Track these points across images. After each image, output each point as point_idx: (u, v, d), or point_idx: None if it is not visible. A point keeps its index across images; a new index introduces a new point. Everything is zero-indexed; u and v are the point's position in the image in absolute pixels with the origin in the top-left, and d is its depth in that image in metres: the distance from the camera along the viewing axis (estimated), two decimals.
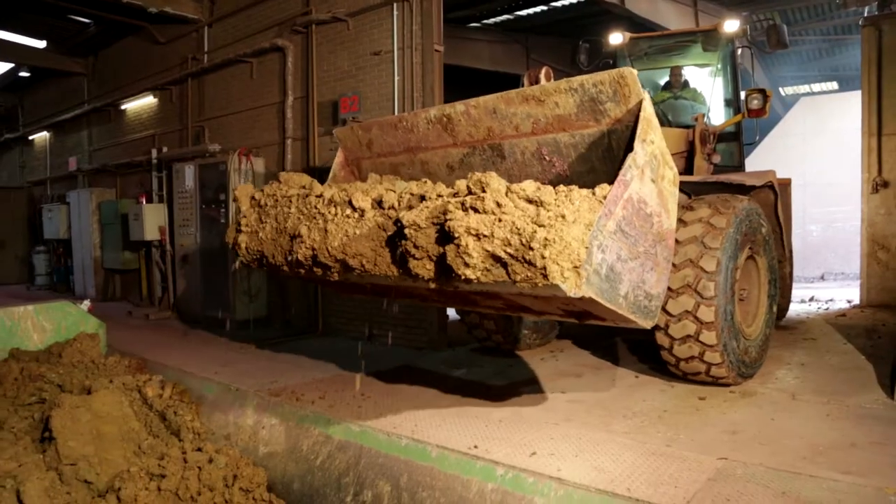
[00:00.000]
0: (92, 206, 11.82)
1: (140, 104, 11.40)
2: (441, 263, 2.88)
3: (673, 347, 4.45)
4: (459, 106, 3.79)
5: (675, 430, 3.82)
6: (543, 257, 2.54)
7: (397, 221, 3.08)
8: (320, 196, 3.61)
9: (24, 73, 14.95)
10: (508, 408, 4.40)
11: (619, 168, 2.92)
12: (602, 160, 3.47)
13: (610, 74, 3.17)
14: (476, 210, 2.75)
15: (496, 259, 2.69)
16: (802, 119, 13.63)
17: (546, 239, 2.55)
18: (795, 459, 3.29)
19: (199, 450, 4.20)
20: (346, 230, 3.32)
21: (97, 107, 12.34)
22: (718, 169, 5.75)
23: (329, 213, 3.46)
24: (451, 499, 3.45)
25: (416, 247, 2.94)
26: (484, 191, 2.82)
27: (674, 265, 4.20)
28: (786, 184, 6.49)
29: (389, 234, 3.17)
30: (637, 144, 2.97)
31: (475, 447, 3.63)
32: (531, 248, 2.57)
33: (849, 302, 8.47)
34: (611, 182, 2.87)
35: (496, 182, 2.85)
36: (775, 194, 5.60)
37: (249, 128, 8.81)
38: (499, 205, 2.74)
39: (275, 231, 3.79)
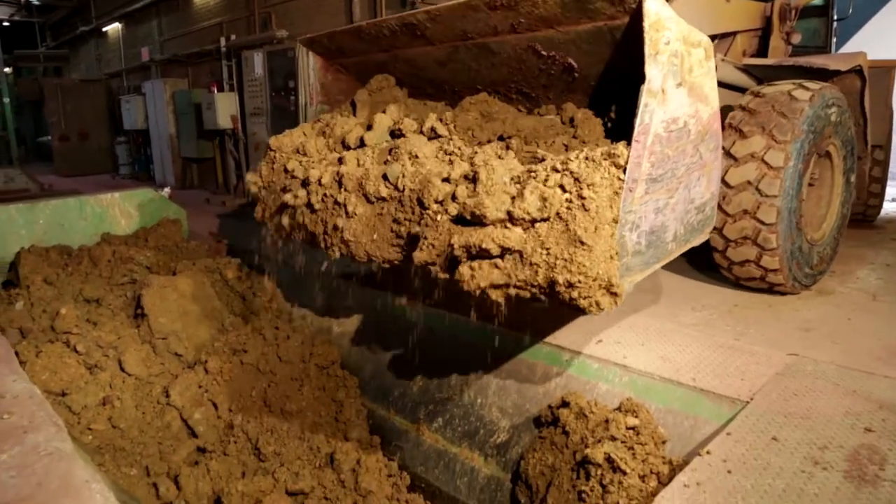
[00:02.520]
0: (166, 97, 12.07)
1: None
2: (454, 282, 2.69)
3: (727, 249, 4.08)
4: (420, 15, 3.45)
5: (745, 324, 3.76)
6: (572, 298, 2.35)
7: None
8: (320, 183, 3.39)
9: None
10: None
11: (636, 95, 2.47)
12: (613, 48, 3.09)
13: None
14: (482, 256, 2.51)
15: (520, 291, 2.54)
16: None
17: (570, 282, 2.33)
18: (870, 360, 3.20)
19: (277, 328, 4.46)
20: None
21: None
22: (799, 50, 5.14)
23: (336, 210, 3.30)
24: (517, 381, 3.57)
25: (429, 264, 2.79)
26: (484, 222, 2.50)
27: (735, 159, 3.87)
28: (890, 67, 5.71)
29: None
30: (648, 69, 2.46)
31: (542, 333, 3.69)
32: (556, 291, 2.38)
33: None
34: (630, 78, 2.50)
35: (493, 208, 2.47)
36: (863, 81, 4.89)
37: (315, 13, 8.63)
38: (505, 250, 2.48)
39: (292, 223, 3.66)
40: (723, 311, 4.00)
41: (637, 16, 2.63)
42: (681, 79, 2.63)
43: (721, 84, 4.50)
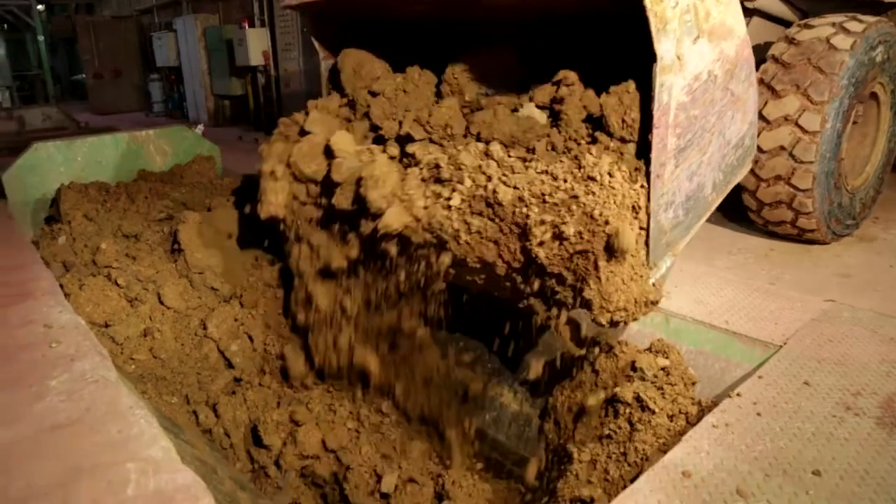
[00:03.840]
0: (197, 33, 11.98)
1: None
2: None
3: (762, 210, 3.89)
4: None
5: (782, 268, 3.70)
6: (614, 322, 2.36)
7: None
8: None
9: None
10: None
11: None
12: None
13: None
14: None
15: None
16: None
17: (603, 307, 2.32)
18: None
19: None
20: None
21: None
22: None
23: None
24: None
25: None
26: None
27: (767, 121, 3.58)
28: None
29: None
30: (658, 46, 2.22)
31: None
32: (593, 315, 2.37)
33: None
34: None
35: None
36: None
37: None
38: None
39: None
40: (759, 255, 3.93)
41: None
42: (697, 31, 2.40)
43: (761, 14, 4.24)
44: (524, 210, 2.41)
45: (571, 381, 3.22)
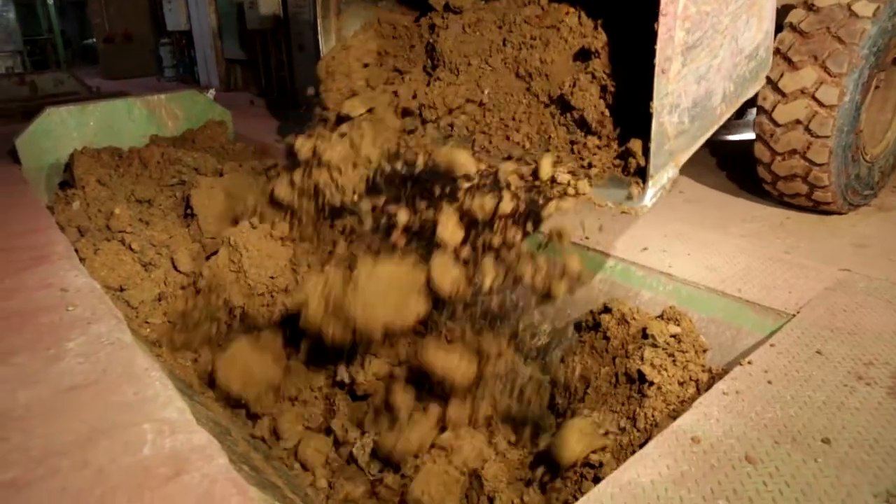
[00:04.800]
0: None
1: None
2: None
3: (773, 163, 3.73)
4: None
5: (797, 237, 3.66)
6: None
7: None
8: None
9: None
10: None
11: None
12: None
13: None
14: None
15: None
16: None
17: None
18: None
19: None
20: None
21: None
22: None
23: None
24: None
25: None
26: None
27: (783, 94, 3.40)
28: None
29: None
30: None
31: (586, 238, 3.66)
32: None
33: None
34: None
35: None
36: None
37: None
38: None
39: None
40: (774, 223, 3.89)
41: None
42: None
43: None
44: None
45: (582, 346, 3.23)
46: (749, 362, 2.43)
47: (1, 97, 9.76)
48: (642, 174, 2.52)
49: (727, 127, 6.01)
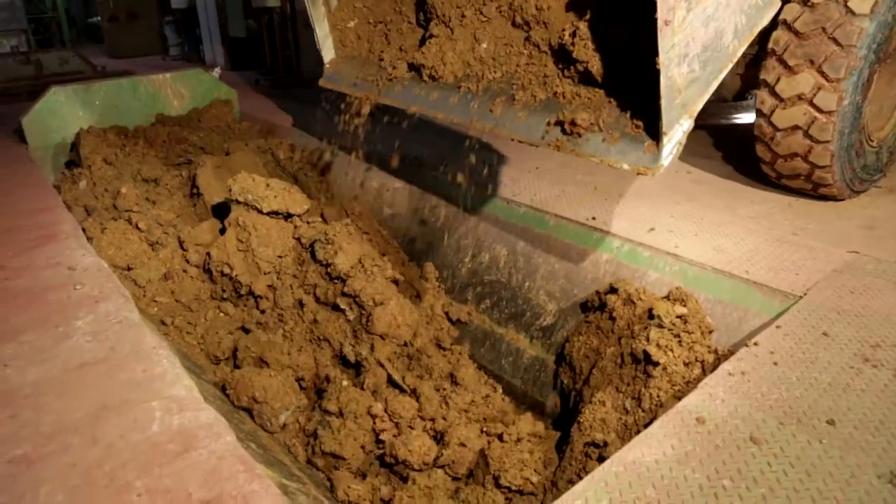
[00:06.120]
0: None
1: None
2: None
3: (776, 163, 3.65)
4: None
5: (806, 219, 3.63)
6: None
7: None
8: None
9: None
10: (630, 184, 4.32)
11: None
12: None
13: None
14: None
15: None
16: None
17: None
18: None
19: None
20: None
21: None
22: None
23: None
24: (565, 267, 3.58)
25: None
26: None
27: (781, 99, 3.32)
28: None
29: None
30: None
31: (593, 218, 3.65)
32: None
33: None
34: None
35: None
36: None
37: None
38: None
39: None
40: (783, 204, 3.86)
41: None
42: None
43: None
44: None
45: (588, 327, 3.24)
46: (755, 343, 2.43)
47: (6, 76, 9.74)
48: (656, 131, 2.38)
49: (735, 109, 5.96)
